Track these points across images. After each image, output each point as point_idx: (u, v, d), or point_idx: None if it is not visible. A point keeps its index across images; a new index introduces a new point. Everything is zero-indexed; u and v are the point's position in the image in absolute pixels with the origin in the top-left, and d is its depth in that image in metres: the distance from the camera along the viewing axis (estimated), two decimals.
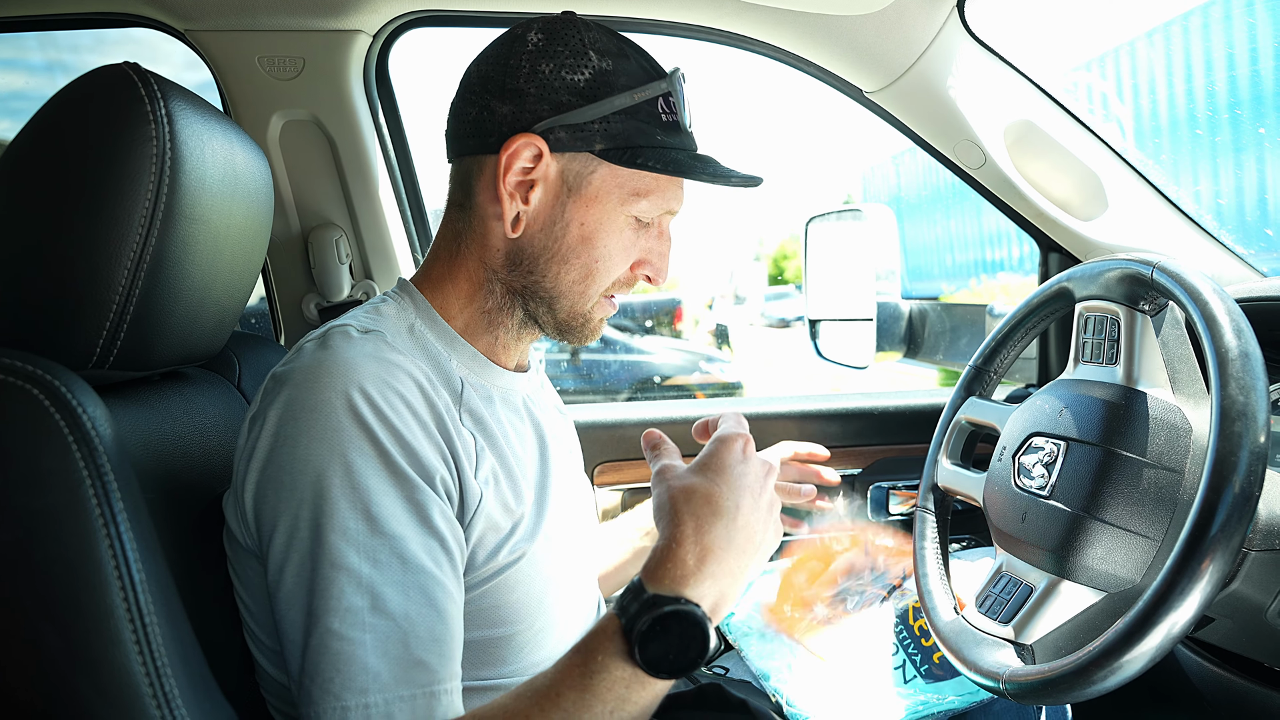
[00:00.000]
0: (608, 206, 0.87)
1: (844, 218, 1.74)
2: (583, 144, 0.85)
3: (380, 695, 0.67)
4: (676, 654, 0.68)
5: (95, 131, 0.72)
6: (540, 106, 0.84)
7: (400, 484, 0.73)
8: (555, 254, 0.88)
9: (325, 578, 0.69)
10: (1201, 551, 0.70)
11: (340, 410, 0.72)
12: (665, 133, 0.87)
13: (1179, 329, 0.91)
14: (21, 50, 2.13)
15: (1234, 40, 4.67)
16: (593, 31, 0.86)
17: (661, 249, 0.93)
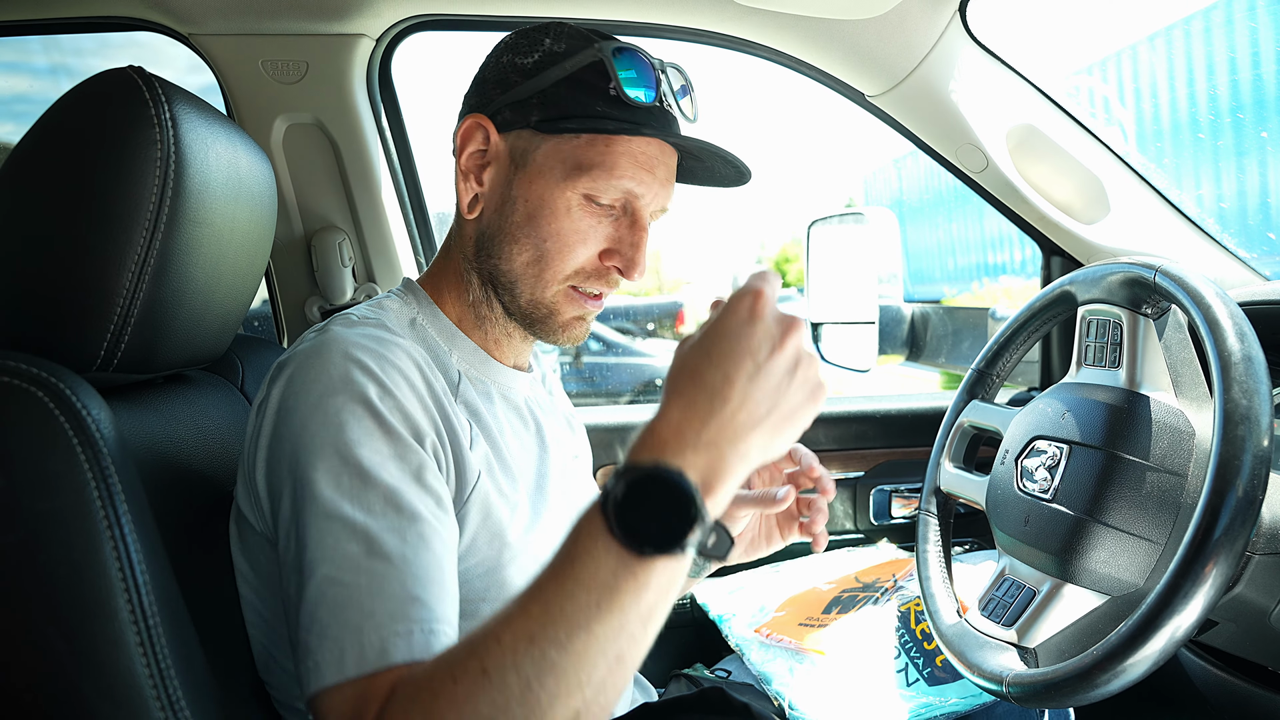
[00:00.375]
0: (551, 181, 0.85)
1: (846, 221, 1.74)
2: (522, 119, 0.86)
3: (376, 633, 0.64)
4: (657, 522, 0.58)
5: (100, 135, 0.73)
6: (494, 91, 0.87)
7: (393, 441, 0.73)
8: (507, 233, 0.87)
9: (320, 529, 0.68)
10: (1205, 555, 0.70)
11: (336, 378, 0.73)
12: (609, 105, 0.84)
13: (1181, 332, 0.91)
14: (25, 53, 2.14)
15: (1236, 44, 4.67)
16: (569, 27, 0.88)
17: (633, 238, 0.88)
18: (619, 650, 0.58)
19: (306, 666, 0.64)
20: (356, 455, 0.70)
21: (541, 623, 0.57)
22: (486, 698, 0.56)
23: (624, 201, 0.87)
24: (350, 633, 0.64)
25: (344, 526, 0.67)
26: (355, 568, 0.66)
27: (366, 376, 0.74)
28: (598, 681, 0.58)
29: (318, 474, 0.69)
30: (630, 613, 0.58)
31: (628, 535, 0.58)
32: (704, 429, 0.61)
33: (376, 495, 0.69)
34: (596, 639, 0.57)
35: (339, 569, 0.66)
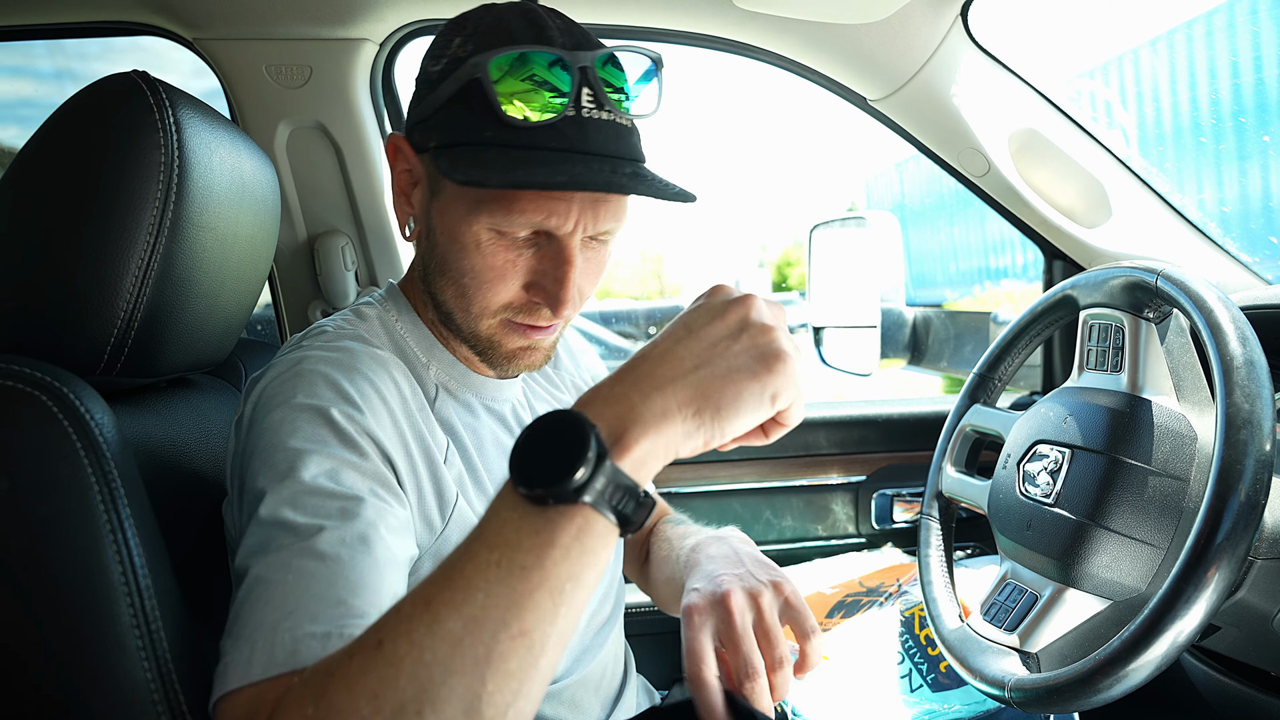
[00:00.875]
0: (457, 214, 0.77)
1: (848, 225, 1.74)
2: (425, 142, 0.78)
3: (290, 634, 0.58)
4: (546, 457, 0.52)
5: (104, 140, 0.73)
6: (413, 104, 0.81)
7: (349, 450, 0.70)
8: (435, 263, 0.82)
9: (258, 532, 0.65)
10: (1207, 560, 0.70)
11: (301, 394, 0.72)
12: (500, 128, 0.72)
13: (1184, 337, 0.91)
14: (30, 58, 2.14)
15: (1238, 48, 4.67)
16: (488, 18, 0.77)
17: (557, 273, 0.77)
18: (524, 625, 0.50)
19: (216, 672, 0.59)
20: (305, 462, 0.67)
21: (440, 585, 0.51)
22: (377, 672, 0.49)
23: (542, 232, 0.77)
24: (264, 633, 0.58)
25: (282, 528, 0.64)
26: (284, 566, 0.62)
27: (333, 392, 0.73)
28: (499, 661, 0.50)
29: (267, 481, 0.67)
30: (534, 576, 0.51)
31: (521, 477, 0.52)
32: (618, 384, 0.57)
33: (321, 500, 0.66)
34: (496, 604, 0.50)
35: (268, 568, 0.62)
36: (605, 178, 0.72)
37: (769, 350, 0.58)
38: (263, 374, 0.77)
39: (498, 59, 0.71)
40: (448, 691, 0.49)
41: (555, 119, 0.72)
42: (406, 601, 0.52)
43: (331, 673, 0.51)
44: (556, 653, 0.52)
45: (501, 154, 0.72)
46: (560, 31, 0.76)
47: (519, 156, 0.72)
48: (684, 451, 0.57)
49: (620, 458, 0.54)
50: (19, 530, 0.59)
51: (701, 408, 0.56)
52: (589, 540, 0.53)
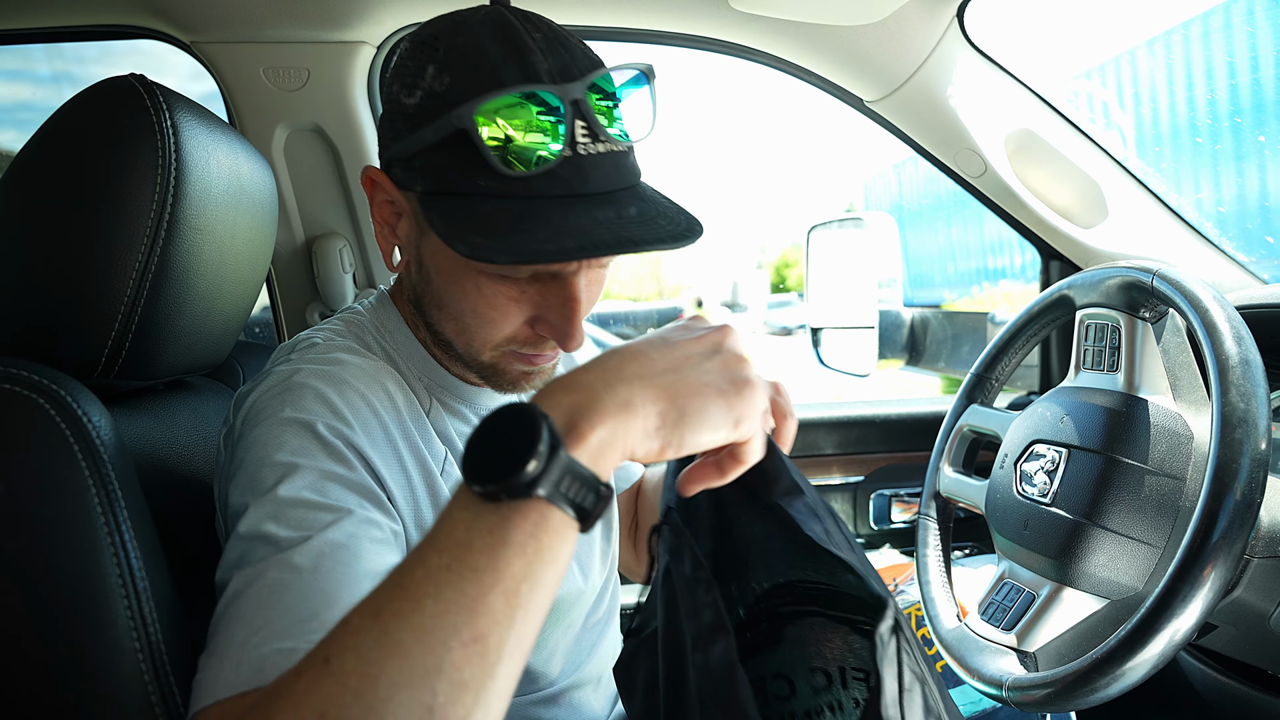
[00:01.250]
0: (453, 259, 0.73)
1: (846, 226, 1.75)
2: (410, 182, 0.72)
3: (257, 650, 0.56)
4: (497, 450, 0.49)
5: (101, 143, 0.73)
6: (386, 134, 0.74)
7: (336, 463, 0.69)
8: (430, 298, 0.79)
9: (238, 547, 0.64)
10: (1203, 558, 0.70)
11: (289, 408, 0.71)
12: (492, 176, 0.67)
13: (1180, 336, 0.92)
14: (28, 61, 2.14)
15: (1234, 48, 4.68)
16: (460, 37, 0.70)
17: (565, 311, 0.74)
18: (476, 631, 0.47)
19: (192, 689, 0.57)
20: (289, 476, 0.66)
21: (389, 594, 0.48)
22: (323, 690, 0.46)
23: (545, 272, 0.74)
24: (233, 649, 0.57)
25: (261, 540, 0.63)
26: (259, 579, 0.60)
27: (323, 406, 0.72)
28: (451, 671, 0.46)
29: (250, 496, 0.66)
30: (487, 578, 0.47)
31: (472, 473, 0.49)
32: (582, 374, 0.54)
33: (304, 512, 0.64)
34: (446, 610, 0.46)
35: (243, 582, 0.61)
36: (614, 233, 0.67)
37: (741, 376, 0.58)
38: (252, 387, 0.76)
39: (483, 107, 0.65)
40: (396, 706, 0.45)
41: (552, 164, 0.67)
42: (355, 613, 0.49)
43: (279, 693, 0.48)
44: (516, 661, 0.49)
45: (499, 209, 0.67)
46: (543, 53, 0.69)
47: (519, 211, 0.67)
48: (639, 452, 0.54)
49: (574, 447, 0.51)
50: (16, 533, 0.59)
51: (666, 410, 0.54)
52: (545, 537, 0.49)
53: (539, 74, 0.68)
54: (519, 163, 0.66)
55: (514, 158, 0.66)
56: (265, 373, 0.78)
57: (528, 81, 0.67)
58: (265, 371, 0.79)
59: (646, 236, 0.68)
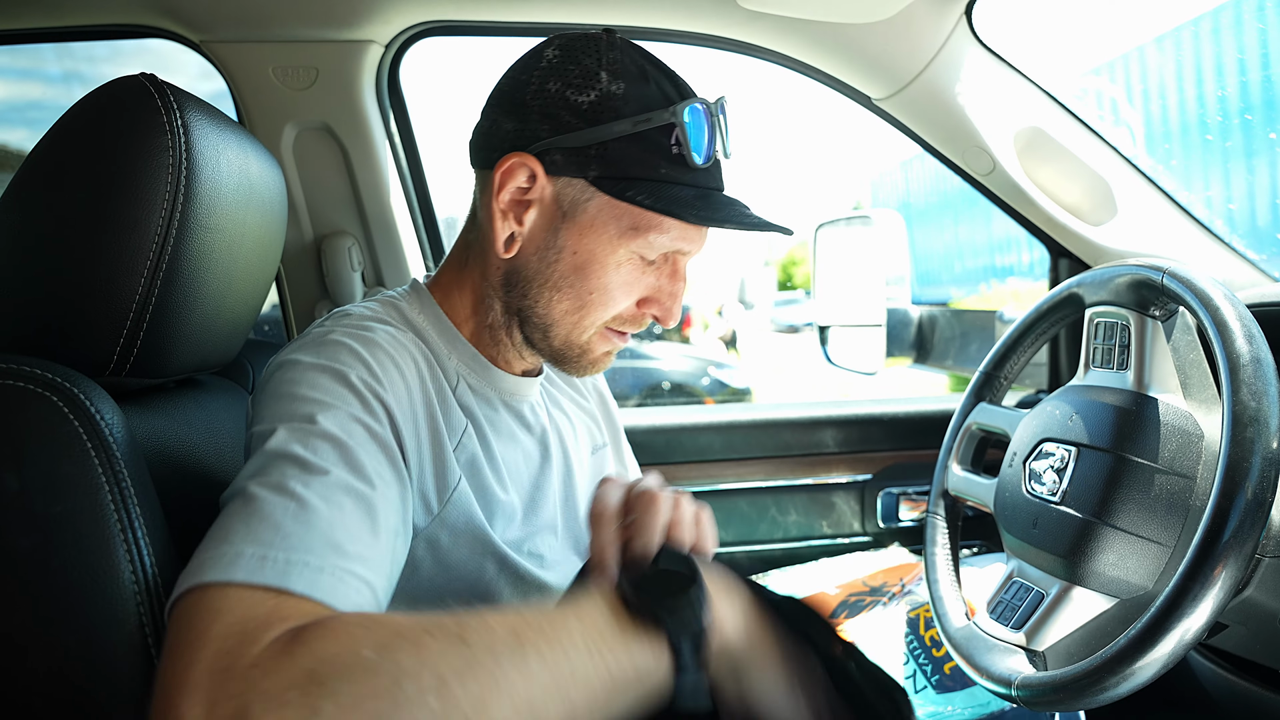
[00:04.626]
0: (603, 238, 0.82)
1: (853, 224, 1.74)
2: (577, 169, 0.81)
3: (284, 552, 0.56)
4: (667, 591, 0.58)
5: (112, 142, 0.73)
6: (540, 126, 0.81)
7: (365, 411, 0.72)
8: (548, 280, 0.85)
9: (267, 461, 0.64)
10: (1214, 558, 0.70)
11: (322, 360, 0.73)
12: (671, 165, 0.81)
13: (1190, 334, 0.91)
14: (39, 60, 2.15)
15: (1245, 45, 4.65)
16: (616, 51, 0.82)
17: (673, 289, 0.87)
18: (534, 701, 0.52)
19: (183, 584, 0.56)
20: (323, 412, 0.68)
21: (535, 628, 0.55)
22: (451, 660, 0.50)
23: (666, 254, 0.86)
24: (254, 545, 0.57)
25: (289, 460, 0.64)
26: (285, 492, 0.61)
27: (355, 359, 0.75)
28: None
29: (280, 420, 0.67)
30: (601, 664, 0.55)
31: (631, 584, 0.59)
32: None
33: (331, 446, 0.66)
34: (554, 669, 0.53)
35: (269, 490, 0.61)
36: (762, 221, 0.85)
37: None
38: (284, 350, 0.78)
39: (687, 110, 0.80)
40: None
41: (710, 163, 0.84)
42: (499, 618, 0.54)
43: (402, 633, 0.51)
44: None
45: (683, 192, 0.81)
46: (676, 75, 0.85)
47: (697, 195, 0.82)
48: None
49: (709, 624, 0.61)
50: (30, 529, 0.60)
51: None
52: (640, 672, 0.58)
53: (689, 91, 0.85)
54: (698, 157, 0.82)
55: (696, 155, 0.82)
56: (303, 333, 0.81)
57: (682, 96, 0.84)
58: (300, 335, 0.81)
59: (777, 225, 0.86)
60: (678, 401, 7.30)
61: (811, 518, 1.71)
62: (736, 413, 1.77)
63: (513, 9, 1.39)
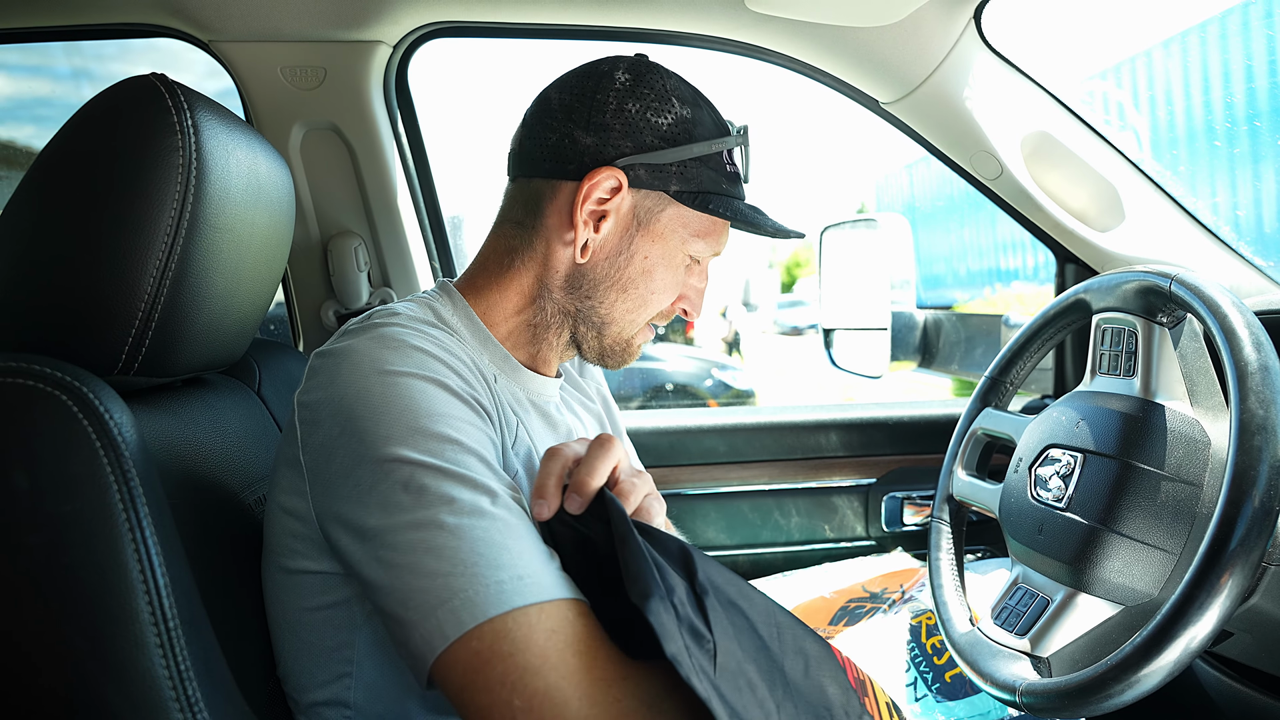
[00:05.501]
0: (671, 244, 0.93)
1: (858, 227, 1.74)
2: (660, 184, 0.90)
3: (530, 572, 0.64)
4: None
5: (123, 141, 0.74)
6: (624, 143, 0.89)
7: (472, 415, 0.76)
8: (616, 282, 0.93)
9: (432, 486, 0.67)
10: (1220, 565, 0.70)
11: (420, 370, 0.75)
12: (729, 183, 0.94)
13: (1197, 341, 0.91)
14: (48, 58, 2.16)
15: (1253, 50, 4.64)
16: (673, 80, 0.92)
17: (701, 286, 1.00)
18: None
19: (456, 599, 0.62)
20: (453, 430, 0.71)
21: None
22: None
23: (700, 258, 0.97)
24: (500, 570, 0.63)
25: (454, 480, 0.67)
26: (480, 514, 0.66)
27: (442, 366, 0.77)
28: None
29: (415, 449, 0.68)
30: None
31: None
32: None
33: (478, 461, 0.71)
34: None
35: (460, 515, 0.66)
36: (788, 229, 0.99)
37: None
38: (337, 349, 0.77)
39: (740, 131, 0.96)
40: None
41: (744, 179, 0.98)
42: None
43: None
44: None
45: (736, 203, 0.95)
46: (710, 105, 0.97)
47: (745, 207, 0.96)
48: None
49: None
50: (38, 528, 0.60)
51: None
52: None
53: (721, 117, 0.97)
54: (744, 177, 0.98)
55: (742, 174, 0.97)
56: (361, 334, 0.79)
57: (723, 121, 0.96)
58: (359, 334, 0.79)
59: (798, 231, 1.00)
60: (681, 403, 7.30)
61: (814, 521, 1.71)
62: (740, 415, 1.77)
63: (521, 10, 1.39)
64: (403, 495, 0.66)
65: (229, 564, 0.84)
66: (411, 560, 0.64)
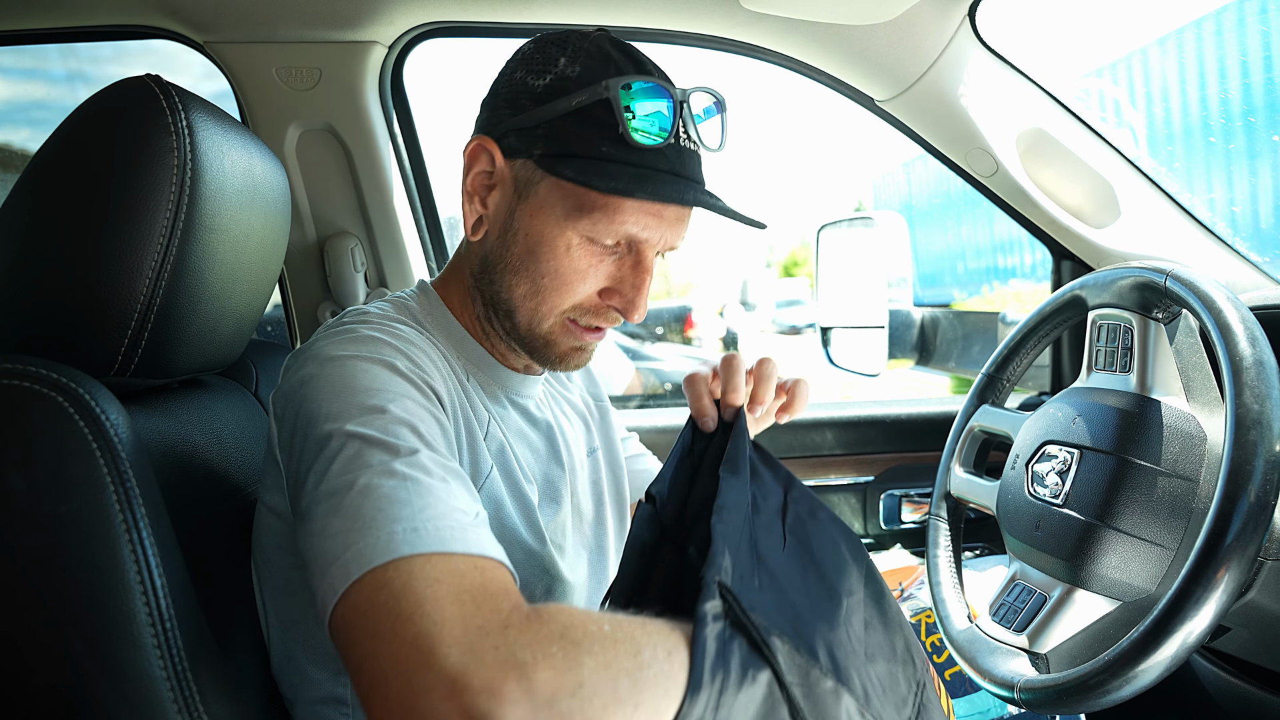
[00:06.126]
0: (550, 219, 0.82)
1: (855, 225, 1.74)
2: (525, 148, 0.82)
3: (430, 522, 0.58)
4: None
5: (118, 143, 0.74)
6: (504, 111, 0.84)
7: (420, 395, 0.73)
8: (507, 263, 0.85)
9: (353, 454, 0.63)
10: (1217, 560, 0.70)
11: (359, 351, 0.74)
12: (614, 145, 0.79)
13: (1193, 337, 0.91)
14: (43, 61, 2.16)
15: (1248, 46, 4.65)
16: (588, 41, 0.82)
17: (635, 280, 0.84)
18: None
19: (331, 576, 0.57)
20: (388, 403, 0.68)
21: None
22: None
23: (628, 241, 0.84)
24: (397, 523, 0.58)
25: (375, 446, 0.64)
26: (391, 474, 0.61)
27: (394, 351, 0.75)
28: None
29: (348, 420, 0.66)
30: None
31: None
32: None
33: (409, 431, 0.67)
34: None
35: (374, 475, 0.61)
36: (718, 201, 0.82)
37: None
38: (308, 345, 0.77)
39: (625, 85, 0.78)
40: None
41: (662, 144, 0.80)
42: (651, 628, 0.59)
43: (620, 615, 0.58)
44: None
45: (621, 170, 0.78)
46: (651, 65, 0.84)
47: (636, 173, 0.79)
48: None
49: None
50: (36, 529, 0.60)
51: None
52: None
53: (652, 74, 0.82)
54: (643, 136, 0.78)
55: (638, 132, 0.78)
56: (324, 332, 0.79)
57: (646, 74, 0.80)
58: (323, 332, 0.80)
59: (739, 213, 0.83)
60: (679, 403, 7.30)
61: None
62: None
63: (515, 10, 1.39)
64: (331, 466, 0.63)
65: (225, 564, 0.84)
66: (322, 524, 0.60)
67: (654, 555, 0.73)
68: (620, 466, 1.11)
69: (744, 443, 0.77)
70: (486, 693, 0.49)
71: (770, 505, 0.73)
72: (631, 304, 0.85)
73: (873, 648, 0.69)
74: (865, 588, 0.73)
